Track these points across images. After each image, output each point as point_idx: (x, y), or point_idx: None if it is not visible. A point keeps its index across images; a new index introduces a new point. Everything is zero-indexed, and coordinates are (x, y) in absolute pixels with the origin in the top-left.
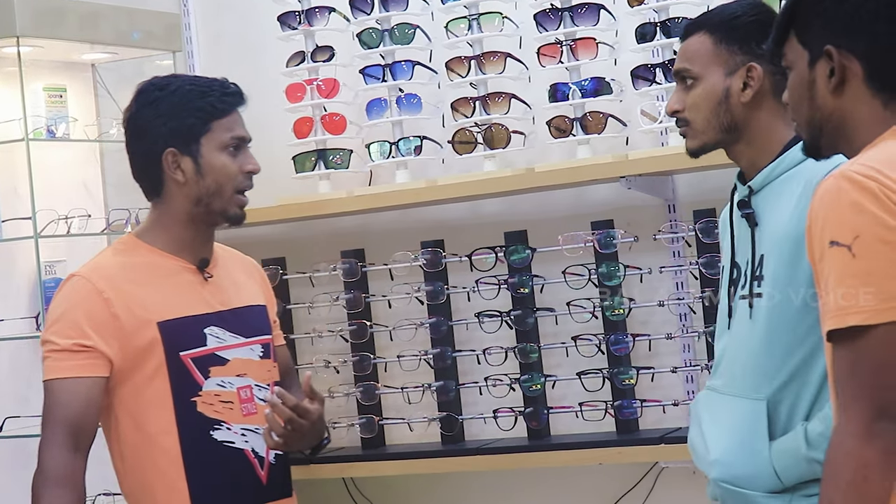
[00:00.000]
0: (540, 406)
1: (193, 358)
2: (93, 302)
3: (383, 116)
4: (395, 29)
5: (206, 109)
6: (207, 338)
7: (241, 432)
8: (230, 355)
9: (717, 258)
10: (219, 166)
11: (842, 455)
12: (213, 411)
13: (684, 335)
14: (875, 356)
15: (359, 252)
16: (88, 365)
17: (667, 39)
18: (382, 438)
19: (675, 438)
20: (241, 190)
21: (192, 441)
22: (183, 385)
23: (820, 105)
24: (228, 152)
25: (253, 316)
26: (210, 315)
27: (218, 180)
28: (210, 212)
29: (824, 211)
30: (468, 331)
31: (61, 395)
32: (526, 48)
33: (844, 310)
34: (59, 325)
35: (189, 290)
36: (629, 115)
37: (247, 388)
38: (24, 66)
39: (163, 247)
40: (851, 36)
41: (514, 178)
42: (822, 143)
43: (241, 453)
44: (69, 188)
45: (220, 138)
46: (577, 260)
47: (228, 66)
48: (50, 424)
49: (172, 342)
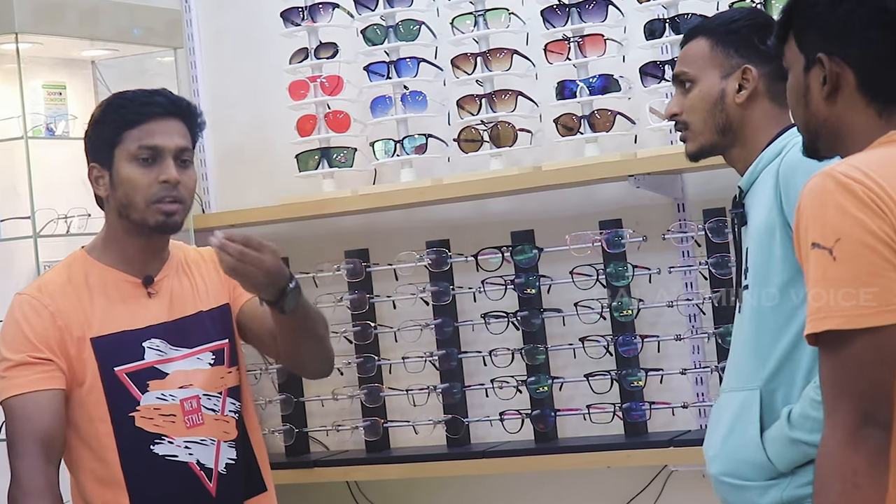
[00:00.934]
0: (547, 408)
1: (129, 373)
2: (38, 316)
3: (388, 114)
4: (399, 25)
5: (118, 121)
6: (146, 351)
7: (185, 445)
8: (171, 368)
9: (727, 258)
10: (125, 178)
11: (830, 466)
12: (153, 425)
13: (694, 336)
14: (854, 361)
15: (363, 252)
16: (46, 378)
17: (676, 36)
18: (387, 441)
19: (685, 441)
20: (158, 201)
21: (132, 456)
22: (119, 400)
23: (814, 111)
24: (138, 162)
25: (203, 323)
26: (151, 328)
27: (127, 193)
28: (133, 223)
29: (808, 211)
30: (474, 332)
31: (24, 410)
32: (533, 45)
33: (822, 312)
34: (8, 342)
35: (131, 303)
36: (638, 112)
37: (193, 399)
38: (23, 62)
39: (108, 262)
40: (843, 43)
41: (520, 177)
42: (819, 147)
43: (186, 466)
44: (69, 187)
45: (129, 149)
46: (584, 260)
47: (230, 63)
48: (18, 439)
49: (106, 357)
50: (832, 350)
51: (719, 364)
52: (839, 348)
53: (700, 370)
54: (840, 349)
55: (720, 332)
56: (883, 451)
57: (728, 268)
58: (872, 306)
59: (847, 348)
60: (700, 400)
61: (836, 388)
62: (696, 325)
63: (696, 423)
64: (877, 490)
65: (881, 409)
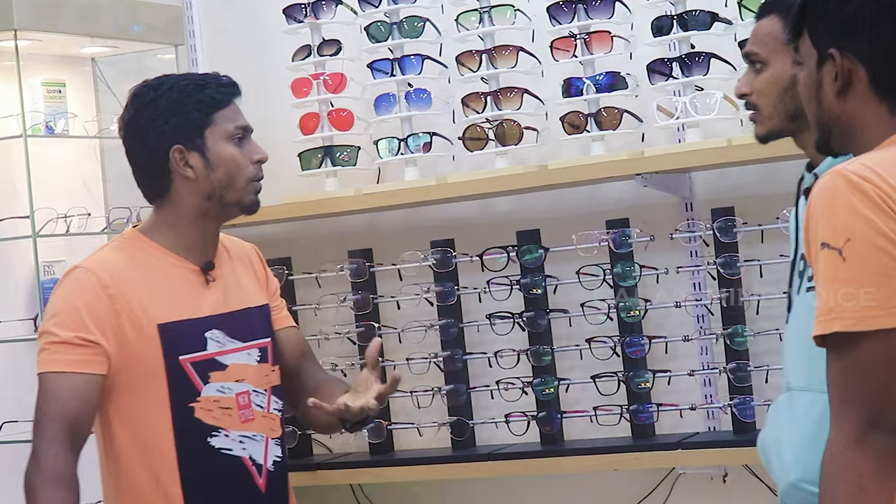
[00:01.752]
0: (553, 410)
1: (193, 362)
2: (96, 296)
3: (392, 112)
4: (404, 22)
5: (207, 101)
6: (208, 342)
7: (239, 439)
8: (229, 360)
9: (735, 258)
10: (228, 157)
11: (836, 468)
12: (212, 417)
13: (702, 337)
14: (862, 364)
15: (367, 252)
16: (89, 361)
17: (683, 33)
18: (391, 444)
19: (693, 444)
20: (254, 179)
21: (189, 448)
22: (181, 390)
23: (826, 108)
24: (234, 142)
25: (251, 319)
26: (211, 318)
27: (229, 172)
28: (223, 204)
29: (819, 210)
30: (479, 333)
31: (60, 390)
32: (539, 42)
33: (831, 314)
34: (60, 318)
35: (191, 291)
36: (645, 110)
37: (245, 394)
38: (21, 60)
39: (167, 245)
40: (855, 38)
41: (526, 176)
42: (832, 143)
43: (239, 461)
44: (68, 186)
45: (225, 128)
46: (591, 260)
47: (232, 60)
48: (47, 419)
49: (172, 345)
50: (840, 352)
51: (728, 365)
52: (847, 350)
53: (708, 371)
54: (848, 351)
55: (728, 332)
56: (890, 454)
57: (736, 267)
58: (882, 308)
59: (855, 350)
60: (708, 402)
61: (843, 390)
62: (704, 325)
63: (704, 426)
64: (883, 494)
65: (889, 412)
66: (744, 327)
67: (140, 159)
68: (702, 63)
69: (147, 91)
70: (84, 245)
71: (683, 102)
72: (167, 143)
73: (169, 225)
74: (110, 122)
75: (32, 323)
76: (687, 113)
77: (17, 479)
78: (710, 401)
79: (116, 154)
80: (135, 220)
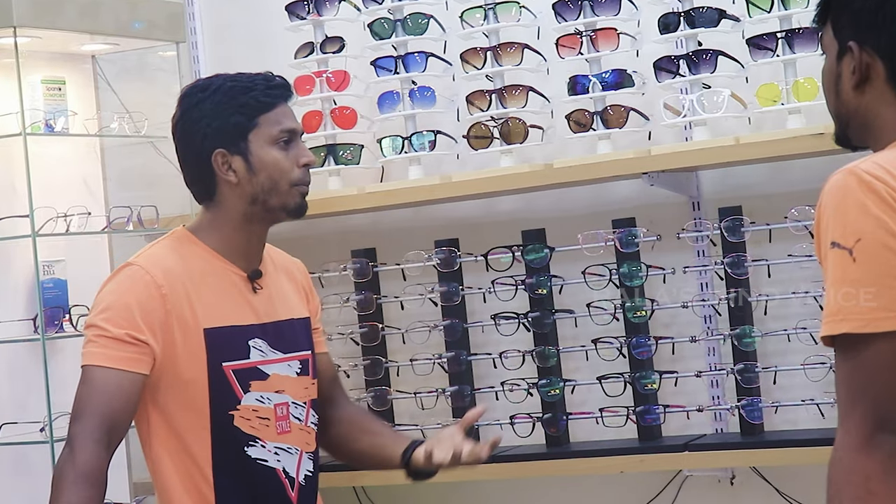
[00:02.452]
0: (559, 412)
1: (235, 370)
2: (149, 295)
3: (396, 110)
4: (407, 19)
5: (251, 104)
6: (251, 350)
7: (275, 451)
8: (270, 370)
9: (743, 257)
10: (270, 162)
11: (843, 472)
12: (250, 427)
13: (709, 338)
14: (871, 366)
15: (370, 251)
16: (136, 360)
17: (691, 30)
18: None
19: (700, 446)
20: (299, 183)
21: (225, 455)
22: (222, 397)
23: (844, 100)
24: (279, 146)
25: (294, 330)
26: (255, 327)
27: (272, 176)
28: (268, 209)
29: (829, 209)
30: (484, 333)
31: (105, 385)
32: (544, 39)
33: (840, 314)
34: (111, 313)
35: (238, 297)
36: (652, 108)
37: (283, 406)
38: (21, 57)
39: (215, 247)
40: (875, 32)
41: (531, 175)
42: (850, 136)
43: (273, 472)
44: (68, 185)
45: (269, 132)
46: (597, 260)
47: (234, 57)
48: (88, 414)
49: (216, 351)
50: (849, 353)
51: (735, 366)
52: (856, 352)
53: (716, 373)
54: (857, 353)
55: (736, 333)
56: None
57: (744, 267)
58: (890, 310)
59: (864, 352)
60: (716, 403)
61: (851, 392)
62: (711, 326)
63: (711, 427)
64: (891, 497)
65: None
66: (751, 328)
67: (187, 160)
68: (709, 60)
69: (195, 92)
70: (84, 245)
71: (691, 100)
72: (210, 146)
73: (216, 227)
74: (110, 119)
75: (32, 323)
76: (694, 111)
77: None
78: (717, 402)
79: (117, 152)
80: (135, 219)
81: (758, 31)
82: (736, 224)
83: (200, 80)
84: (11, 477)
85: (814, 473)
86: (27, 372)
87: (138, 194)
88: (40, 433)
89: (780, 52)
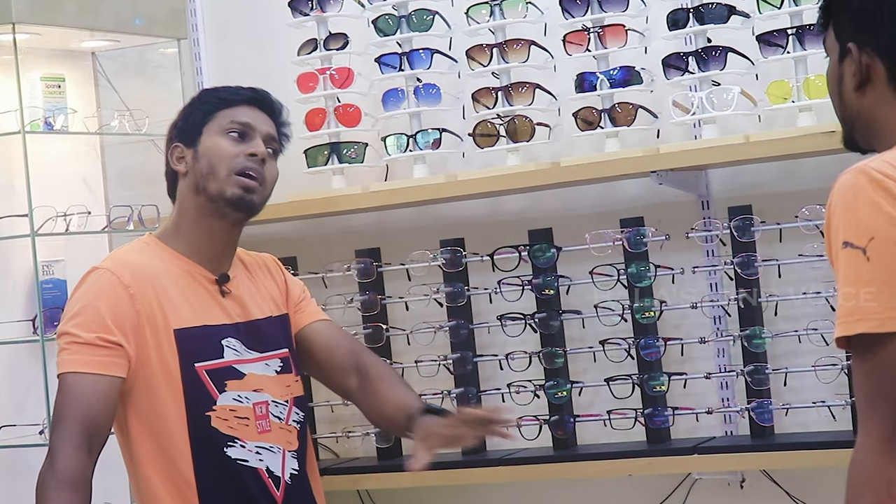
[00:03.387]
0: (566, 414)
1: (209, 370)
2: (118, 296)
3: (400, 108)
4: (412, 15)
5: (212, 101)
6: (225, 349)
7: (256, 450)
8: (246, 369)
9: (753, 257)
10: (212, 147)
11: (864, 475)
12: (228, 427)
13: (718, 339)
14: (888, 366)
15: (374, 251)
16: (110, 363)
17: (700, 26)
18: (399, 448)
19: (709, 448)
20: (241, 173)
21: (205, 457)
22: (197, 398)
23: (847, 102)
24: (229, 137)
25: (270, 329)
26: (227, 326)
27: (210, 161)
28: (210, 198)
29: (840, 208)
30: (490, 335)
31: (81, 391)
32: (551, 35)
33: (854, 315)
34: (82, 318)
35: (207, 299)
36: (660, 106)
37: (262, 405)
38: (20, 54)
39: (181, 250)
40: (874, 33)
41: (538, 173)
42: (856, 139)
43: (255, 472)
44: (68, 183)
45: (221, 124)
46: (605, 259)
47: (236, 54)
48: (66, 421)
49: (188, 352)
50: (865, 354)
51: (745, 368)
52: (872, 353)
53: (725, 374)
54: (873, 353)
55: (746, 334)
56: None
57: (754, 267)
58: None
59: (880, 352)
60: (725, 405)
61: (869, 394)
62: (721, 327)
63: (721, 430)
64: None
65: None
66: (762, 329)
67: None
68: (719, 57)
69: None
70: (84, 244)
71: (700, 98)
72: (171, 143)
73: (178, 228)
74: (111, 117)
75: (31, 324)
76: (703, 108)
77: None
78: (727, 404)
79: (117, 151)
80: (136, 218)
81: (768, 28)
82: (746, 223)
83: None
84: (10, 480)
85: (825, 477)
86: (26, 373)
87: (139, 193)
88: (39, 436)
89: (791, 48)
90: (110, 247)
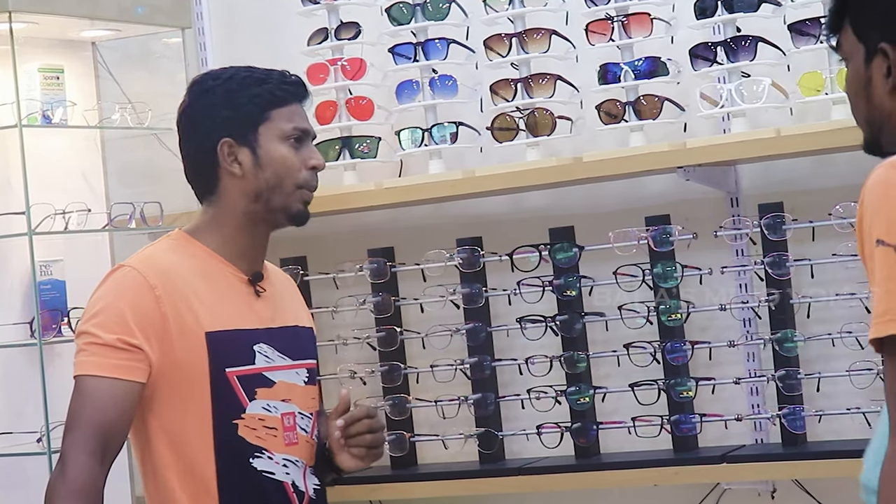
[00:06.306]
0: (588, 421)
1: (239, 376)
2: (142, 297)
3: (415, 100)
4: (428, 3)
5: (264, 96)
6: (256, 356)
7: (283, 463)
8: (277, 377)
9: (784, 257)
10: (279, 158)
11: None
12: (256, 437)
13: (748, 343)
14: None
15: (388, 251)
16: (130, 367)
17: (729, 15)
18: (414, 457)
19: (739, 457)
20: (304, 186)
21: (230, 467)
22: (225, 405)
23: (878, 105)
24: (290, 144)
25: (301, 337)
26: (260, 331)
27: (278, 173)
28: (270, 209)
29: (873, 205)
30: (509, 338)
31: (97, 395)
32: (573, 25)
33: (888, 315)
34: (103, 318)
35: (241, 300)
36: (687, 98)
37: (290, 416)
38: (17, 44)
39: (216, 249)
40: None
41: (559, 169)
42: (882, 142)
43: (281, 486)
44: (67, 180)
45: (281, 128)
46: (629, 259)
47: (243, 44)
48: (80, 426)
49: (219, 356)
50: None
51: (776, 373)
52: None
53: (755, 379)
54: None
55: (777, 337)
56: None
57: (786, 267)
58: None
59: None
60: (755, 412)
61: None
62: (750, 330)
63: (750, 438)
64: None
65: None
66: (793, 332)
67: (190, 151)
68: (748, 47)
69: (206, 80)
70: (84, 243)
71: (729, 90)
72: (217, 135)
73: (216, 226)
74: (112, 111)
75: (28, 327)
76: (732, 101)
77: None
78: (757, 411)
79: (118, 145)
80: (138, 216)
81: (800, 17)
82: (777, 221)
83: (214, 69)
84: (7, 490)
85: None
86: (23, 379)
87: (141, 190)
88: (37, 444)
89: (824, 38)
90: (111, 246)
